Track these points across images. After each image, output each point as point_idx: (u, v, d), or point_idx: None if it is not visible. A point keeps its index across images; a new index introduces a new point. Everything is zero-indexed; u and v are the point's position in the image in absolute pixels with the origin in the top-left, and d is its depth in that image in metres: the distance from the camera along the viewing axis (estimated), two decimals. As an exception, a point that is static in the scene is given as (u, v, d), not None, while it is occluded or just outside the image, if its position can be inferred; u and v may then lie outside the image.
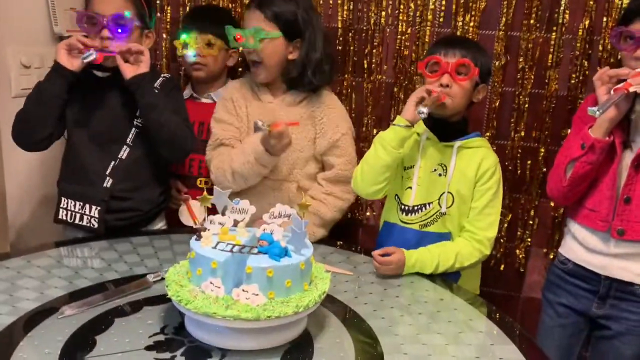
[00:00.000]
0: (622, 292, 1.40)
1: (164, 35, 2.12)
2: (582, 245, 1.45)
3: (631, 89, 1.26)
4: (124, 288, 1.27)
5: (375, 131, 1.96)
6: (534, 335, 1.58)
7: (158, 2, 2.09)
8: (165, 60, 2.15)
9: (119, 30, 1.55)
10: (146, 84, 1.55)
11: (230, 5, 2.05)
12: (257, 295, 1.02)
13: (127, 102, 1.59)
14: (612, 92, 1.29)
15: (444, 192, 1.51)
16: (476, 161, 1.49)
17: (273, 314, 1.00)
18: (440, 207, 1.51)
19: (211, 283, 1.04)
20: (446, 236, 1.52)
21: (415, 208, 1.55)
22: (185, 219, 1.83)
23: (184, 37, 1.80)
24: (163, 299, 1.16)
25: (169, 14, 2.11)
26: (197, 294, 1.04)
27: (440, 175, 1.52)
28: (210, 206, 1.17)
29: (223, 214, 1.17)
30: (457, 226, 1.52)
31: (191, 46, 1.78)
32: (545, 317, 1.55)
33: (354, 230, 2.06)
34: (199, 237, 1.12)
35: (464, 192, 1.50)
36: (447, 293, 1.37)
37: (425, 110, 1.38)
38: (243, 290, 1.03)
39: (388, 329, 1.16)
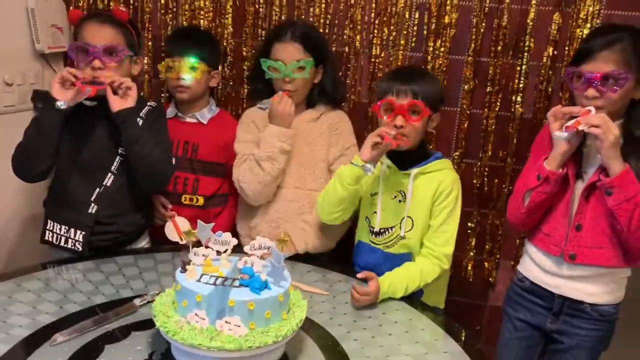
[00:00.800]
0: (574, 309, 1.51)
1: (145, 53, 2.17)
2: (538, 266, 1.55)
3: (580, 127, 1.35)
4: (112, 313, 1.34)
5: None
6: (494, 344, 1.70)
7: (139, 20, 2.14)
8: (147, 77, 2.20)
9: (110, 61, 1.61)
10: (132, 118, 1.61)
11: (211, 25, 2.11)
12: (239, 326, 1.11)
13: (112, 131, 1.65)
14: (563, 128, 1.39)
15: (403, 217, 1.61)
16: (433, 186, 1.60)
17: (254, 344, 1.09)
18: (400, 231, 1.62)
19: (196, 314, 1.12)
20: (407, 257, 1.63)
21: (381, 231, 1.66)
22: (172, 235, 1.90)
23: (166, 61, 1.86)
24: (150, 324, 1.22)
25: (150, 32, 2.16)
26: (183, 325, 1.12)
27: (400, 201, 1.63)
28: (194, 238, 1.24)
29: (207, 246, 1.25)
30: (415, 248, 1.63)
31: (174, 70, 1.84)
32: (504, 330, 1.66)
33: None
34: (184, 270, 1.20)
35: (422, 216, 1.60)
36: (415, 312, 1.47)
37: (371, 167, 1.53)
38: (226, 322, 1.11)
39: (360, 351, 1.26)
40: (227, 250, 1.25)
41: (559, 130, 1.40)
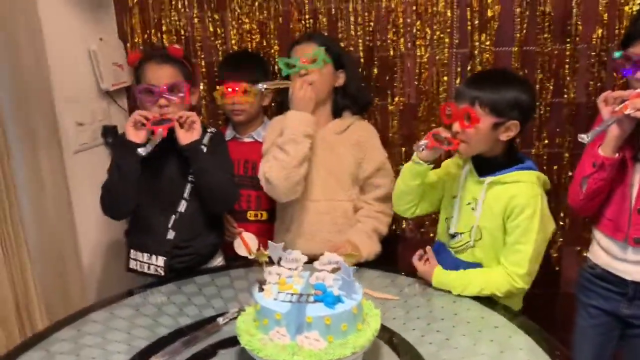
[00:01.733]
0: None
1: (200, 79, 2.28)
2: (606, 252, 1.55)
3: (626, 112, 1.33)
4: (198, 334, 1.44)
5: (403, 150, 2.09)
6: (571, 331, 1.70)
7: (191, 49, 2.25)
8: (204, 102, 2.31)
9: (174, 97, 1.74)
10: (199, 149, 1.74)
11: (259, 46, 2.19)
12: (318, 340, 1.17)
13: (181, 161, 1.78)
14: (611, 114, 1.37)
15: (473, 226, 1.60)
16: (505, 198, 1.53)
17: (334, 356, 1.15)
18: (470, 239, 1.61)
19: (277, 332, 1.20)
20: (475, 266, 1.61)
21: (455, 235, 1.66)
22: (241, 250, 2.00)
23: (221, 88, 1.95)
24: (234, 341, 1.31)
25: (202, 59, 2.26)
26: (266, 343, 1.20)
27: (472, 208, 1.60)
28: (267, 259, 1.32)
29: (279, 264, 1.33)
30: (488, 257, 1.60)
31: (229, 96, 1.94)
32: (579, 319, 1.66)
33: (392, 245, 2.18)
34: (261, 289, 1.28)
35: (491, 228, 1.56)
36: (486, 310, 1.50)
37: (422, 145, 1.55)
38: (306, 337, 1.18)
39: (436, 354, 1.30)
40: (298, 267, 1.33)
41: (609, 113, 1.37)
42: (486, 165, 1.58)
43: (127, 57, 2.33)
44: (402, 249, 2.18)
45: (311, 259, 1.33)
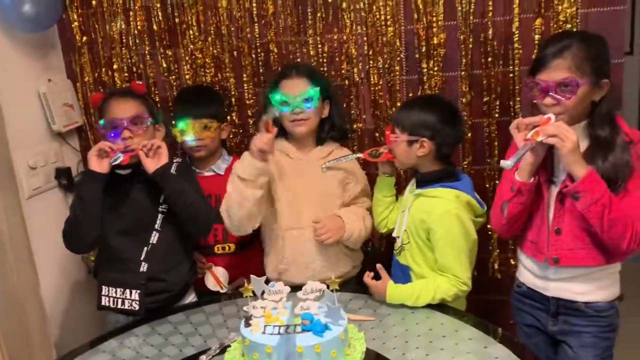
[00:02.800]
0: (569, 308, 1.58)
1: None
2: (529, 271, 1.64)
3: (538, 139, 1.41)
4: (183, 374, 1.43)
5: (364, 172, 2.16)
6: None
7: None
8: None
9: (137, 129, 1.74)
10: (169, 173, 1.75)
11: (214, 80, 2.22)
12: (309, 369, 1.21)
13: (149, 192, 1.77)
14: (524, 141, 1.45)
15: (404, 230, 1.77)
16: (422, 211, 1.70)
17: (326, 382, 1.19)
18: (401, 241, 1.79)
19: (268, 364, 1.22)
20: (406, 269, 1.76)
21: (395, 238, 1.84)
22: (212, 285, 1.99)
23: (181, 125, 1.96)
24: None
25: (156, 95, 2.26)
26: (258, 376, 1.22)
27: (405, 215, 1.78)
28: (251, 293, 1.34)
29: (262, 297, 1.35)
30: (414, 261, 1.74)
31: (189, 133, 1.95)
32: (520, 339, 1.68)
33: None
34: (248, 324, 1.29)
35: (415, 233, 1.73)
36: (459, 323, 1.57)
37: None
38: (297, 367, 1.21)
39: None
40: (282, 298, 1.35)
41: (522, 141, 1.45)
42: (422, 179, 1.76)
43: (77, 96, 2.30)
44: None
45: (300, 286, 1.36)
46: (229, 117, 2.17)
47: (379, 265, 1.68)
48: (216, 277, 1.99)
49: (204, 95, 2.07)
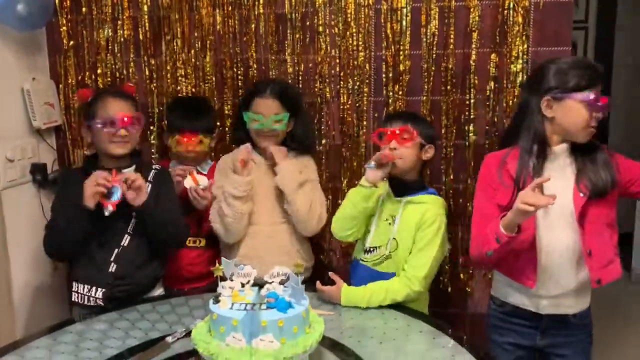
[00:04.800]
0: (559, 322, 1.67)
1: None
2: (516, 291, 1.69)
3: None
4: (150, 352, 1.50)
5: (330, 185, 2.31)
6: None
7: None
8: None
9: (133, 129, 1.86)
10: (151, 208, 1.84)
11: (194, 90, 2.34)
12: (272, 342, 1.30)
13: (125, 199, 1.81)
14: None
15: (390, 238, 1.85)
16: (419, 214, 1.82)
17: (288, 355, 1.29)
18: (387, 250, 1.85)
19: (234, 337, 1.32)
20: (391, 275, 1.83)
21: (370, 249, 1.90)
22: (188, 182, 2.02)
23: (177, 138, 2.09)
24: (183, 357, 1.45)
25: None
26: (223, 348, 1.31)
27: (390, 224, 1.87)
28: (221, 273, 1.44)
29: (231, 279, 1.45)
30: (397, 267, 1.83)
31: (184, 146, 2.08)
32: (496, 356, 1.77)
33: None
34: (217, 301, 1.39)
35: (406, 239, 1.82)
36: (410, 319, 1.70)
37: (372, 164, 1.79)
38: (261, 340, 1.31)
39: (372, 354, 1.47)
40: (249, 281, 1.46)
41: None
42: (402, 188, 1.87)
43: (58, 97, 2.39)
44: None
45: (258, 282, 1.46)
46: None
47: (331, 273, 1.81)
48: (194, 177, 2.03)
49: (198, 109, 2.18)
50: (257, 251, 2.02)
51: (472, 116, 2.20)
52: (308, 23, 2.24)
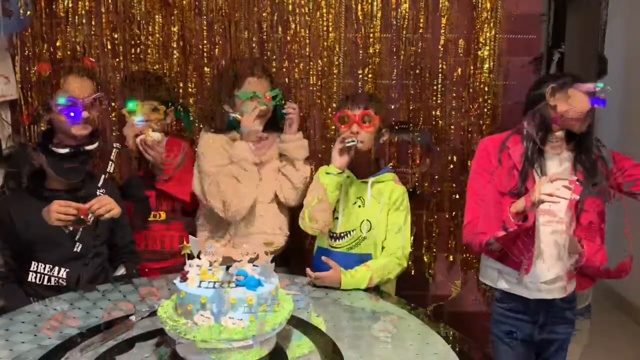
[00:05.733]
0: (555, 316, 1.73)
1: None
2: (506, 274, 1.75)
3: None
4: (113, 330, 1.46)
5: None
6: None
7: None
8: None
9: (96, 111, 1.83)
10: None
11: (157, 67, 2.28)
12: (241, 320, 1.29)
13: (87, 179, 1.80)
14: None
15: (363, 220, 1.87)
16: (387, 192, 1.88)
17: (256, 333, 1.27)
18: (362, 232, 1.86)
19: (201, 315, 1.30)
20: (368, 257, 1.86)
21: (342, 235, 1.90)
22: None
23: (130, 106, 2.04)
24: (149, 336, 1.43)
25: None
26: (191, 326, 1.29)
27: (359, 206, 1.89)
28: (189, 251, 1.41)
29: (199, 257, 1.43)
30: (374, 247, 1.87)
31: (137, 113, 2.02)
32: (498, 354, 1.81)
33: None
34: (184, 279, 1.36)
35: (378, 218, 1.86)
36: (374, 299, 1.72)
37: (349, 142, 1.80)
38: (230, 318, 1.29)
39: (333, 328, 1.49)
40: (217, 259, 1.43)
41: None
42: (363, 169, 1.91)
43: (14, 70, 2.28)
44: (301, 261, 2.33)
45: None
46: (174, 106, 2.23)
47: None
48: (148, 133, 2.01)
49: (152, 80, 2.13)
50: (247, 228, 2.00)
51: (439, 101, 2.22)
52: (277, 1, 2.21)
